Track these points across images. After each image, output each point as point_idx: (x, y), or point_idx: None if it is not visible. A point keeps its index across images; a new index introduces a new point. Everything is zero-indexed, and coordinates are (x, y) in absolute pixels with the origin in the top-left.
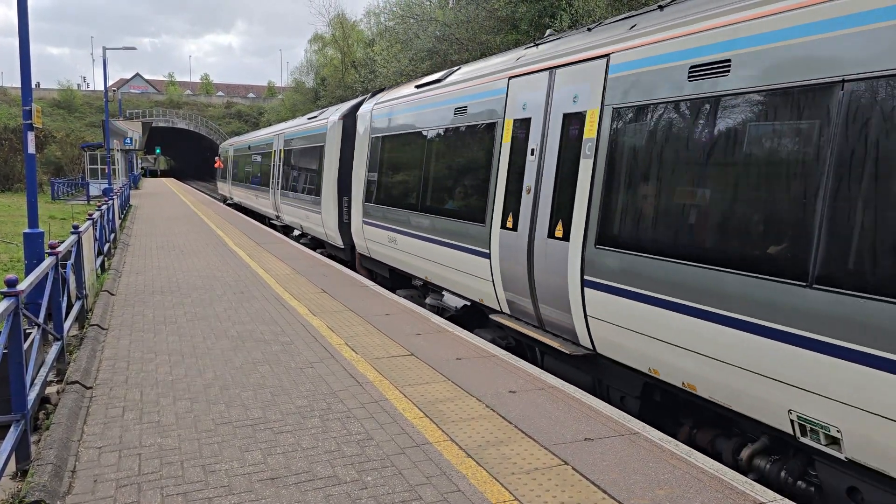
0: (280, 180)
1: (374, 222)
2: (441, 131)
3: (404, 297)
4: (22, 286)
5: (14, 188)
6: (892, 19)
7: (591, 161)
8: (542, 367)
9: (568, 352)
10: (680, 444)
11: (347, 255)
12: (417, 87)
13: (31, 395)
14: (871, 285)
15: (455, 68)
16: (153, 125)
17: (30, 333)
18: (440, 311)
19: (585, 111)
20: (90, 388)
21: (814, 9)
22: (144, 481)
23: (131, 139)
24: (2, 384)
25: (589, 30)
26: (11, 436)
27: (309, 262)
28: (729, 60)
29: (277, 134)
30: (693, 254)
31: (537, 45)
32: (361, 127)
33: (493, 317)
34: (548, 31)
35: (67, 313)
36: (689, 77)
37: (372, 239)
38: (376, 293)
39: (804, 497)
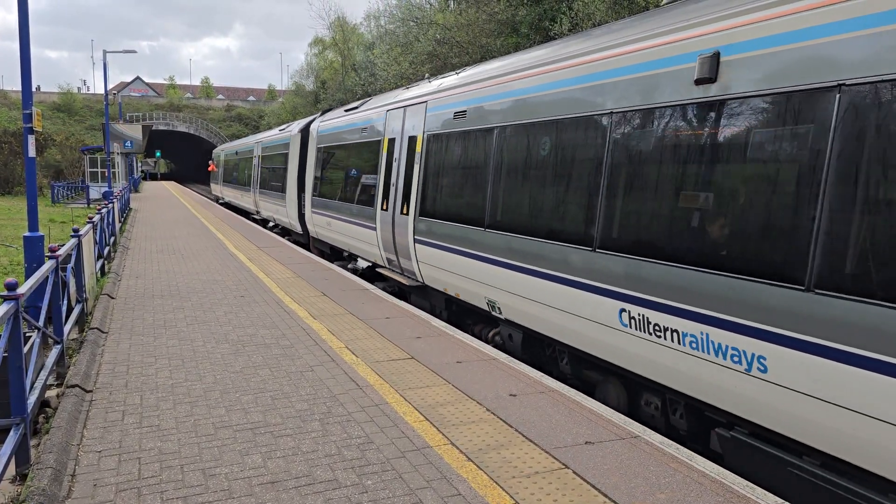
0: (258, 181)
1: (318, 211)
2: (353, 144)
3: (339, 268)
4: (22, 290)
5: (14, 191)
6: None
7: (420, 166)
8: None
9: (407, 283)
10: (681, 447)
11: (305, 239)
12: (346, 110)
13: (31, 399)
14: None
15: (367, 98)
16: (153, 128)
17: (30, 337)
18: (358, 272)
19: (417, 135)
20: (90, 391)
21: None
22: (144, 485)
23: (131, 142)
24: (1, 388)
25: (428, 79)
26: (11, 439)
27: (310, 265)
28: (465, 111)
29: (257, 142)
30: (450, 218)
31: (408, 88)
32: (310, 139)
33: (378, 270)
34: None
35: (67, 317)
36: (453, 117)
37: (318, 224)
38: (377, 297)
39: None
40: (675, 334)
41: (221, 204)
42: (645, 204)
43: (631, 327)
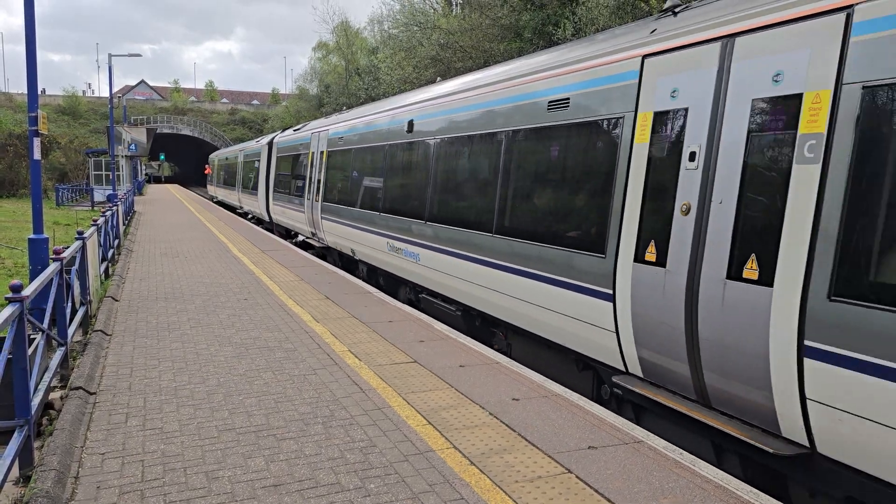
0: (241, 181)
1: (277, 203)
2: (295, 154)
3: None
4: (26, 292)
5: (19, 194)
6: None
7: (323, 170)
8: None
9: (319, 246)
10: (685, 452)
11: (271, 225)
12: (294, 130)
13: (35, 401)
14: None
15: (306, 123)
16: (158, 131)
17: (34, 339)
18: (299, 244)
19: (323, 150)
20: (93, 394)
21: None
22: (147, 488)
23: (136, 145)
24: (6, 390)
25: (326, 116)
26: (15, 441)
27: (312, 269)
28: (342, 136)
29: (240, 150)
30: (337, 201)
31: (327, 117)
32: (273, 150)
33: (308, 241)
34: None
35: (71, 319)
36: (338, 139)
37: (276, 213)
38: (380, 300)
39: None
40: (400, 251)
41: (215, 202)
42: (374, 189)
43: (389, 250)
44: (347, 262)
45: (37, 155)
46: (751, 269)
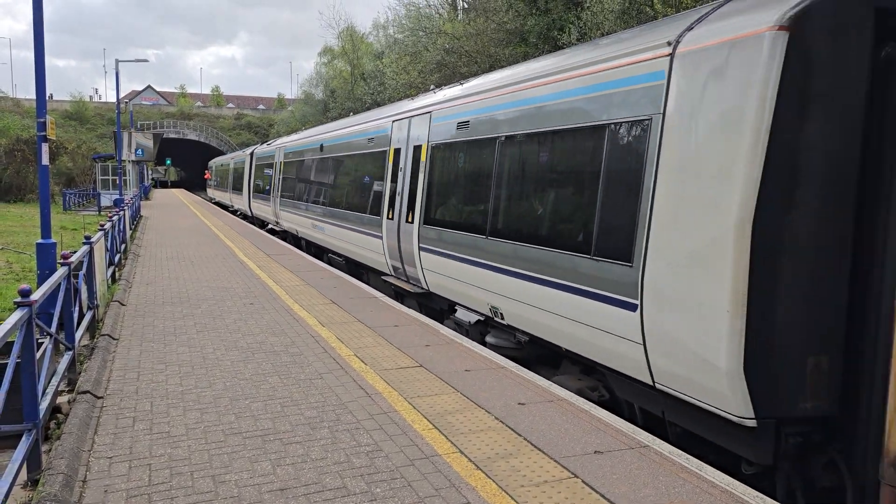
0: (231, 184)
1: (255, 202)
2: (267, 164)
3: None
4: (35, 296)
5: (26, 198)
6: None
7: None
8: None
9: (251, 216)
10: (691, 457)
11: (252, 219)
12: (266, 144)
13: (43, 405)
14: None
15: (279, 138)
16: (164, 136)
17: (42, 343)
18: (266, 228)
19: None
20: (101, 398)
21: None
22: (155, 492)
23: (142, 150)
24: (14, 393)
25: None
26: (23, 445)
27: (318, 273)
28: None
29: (231, 159)
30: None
31: (269, 143)
32: (254, 159)
33: (271, 226)
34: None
35: (79, 323)
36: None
37: (255, 208)
38: (385, 305)
39: None
40: (319, 228)
41: (214, 203)
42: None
43: (313, 227)
44: (300, 242)
45: (45, 160)
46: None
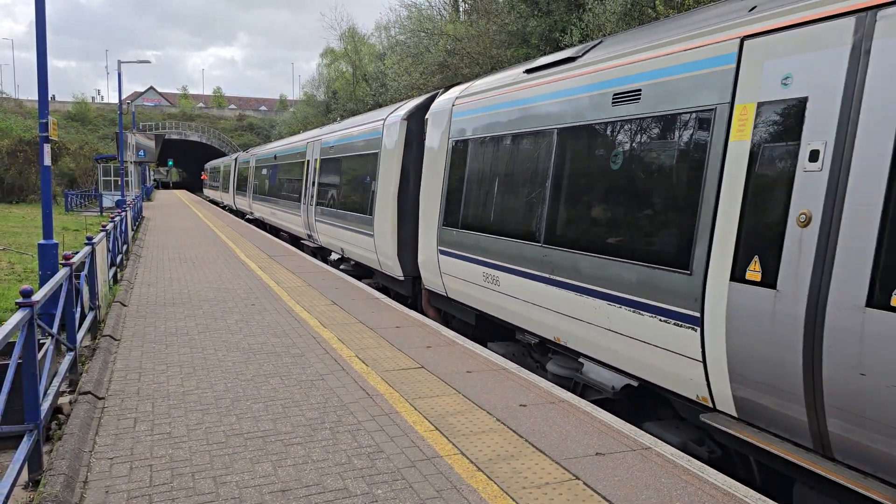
0: (221, 184)
1: (237, 196)
2: (246, 168)
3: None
4: (37, 297)
5: (28, 199)
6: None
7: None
8: None
9: (232, 209)
10: (693, 459)
11: (238, 213)
12: (244, 151)
13: (44, 406)
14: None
15: (254, 147)
16: (166, 137)
17: (43, 344)
18: (234, 211)
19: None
20: (102, 398)
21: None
22: (156, 493)
23: (144, 151)
24: (15, 394)
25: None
26: (24, 446)
27: (320, 274)
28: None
29: (221, 162)
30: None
31: (249, 149)
32: (237, 163)
33: (243, 213)
34: None
35: (80, 324)
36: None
37: (237, 202)
38: (387, 306)
39: None
40: (274, 214)
41: (209, 201)
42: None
43: (269, 215)
44: (273, 229)
45: (47, 161)
46: None
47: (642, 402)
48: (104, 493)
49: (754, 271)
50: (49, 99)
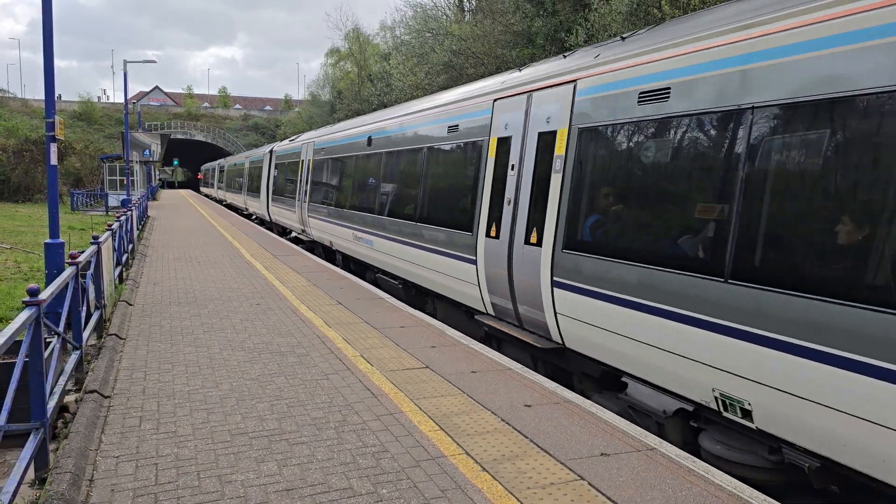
0: (215, 182)
1: (228, 193)
2: (228, 171)
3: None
4: (43, 296)
5: (35, 199)
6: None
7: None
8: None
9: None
10: (697, 460)
11: (219, 197)
12: (233, 155)
13: (51, 404)
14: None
15: (244, 152)
16: (171, 137)
17: (49, 342)
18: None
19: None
20: (108, 397)
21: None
22: (161, 491)
23: (150, 151)
24: (22, 392)
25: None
26: (30, 444)
27: (325, 274)
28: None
29: (216, 164)
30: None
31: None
32: (227, 165)
33: (218, 198)
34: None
35: (86, 323)
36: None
37: (228, 198)
38: (392, 306)
39: None
40: (250, 203)
41: (203, 195)
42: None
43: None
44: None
45: (53, 160)
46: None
47: (452, 311)
48: (110, 492)
49: (492, 231)
50: (55, 99)
